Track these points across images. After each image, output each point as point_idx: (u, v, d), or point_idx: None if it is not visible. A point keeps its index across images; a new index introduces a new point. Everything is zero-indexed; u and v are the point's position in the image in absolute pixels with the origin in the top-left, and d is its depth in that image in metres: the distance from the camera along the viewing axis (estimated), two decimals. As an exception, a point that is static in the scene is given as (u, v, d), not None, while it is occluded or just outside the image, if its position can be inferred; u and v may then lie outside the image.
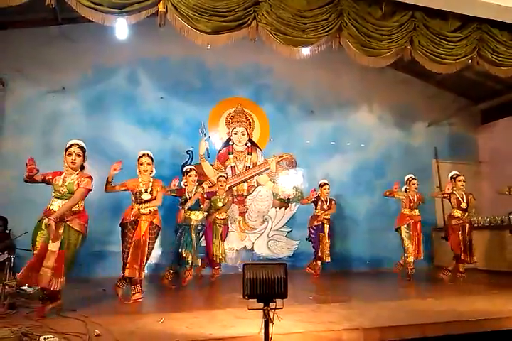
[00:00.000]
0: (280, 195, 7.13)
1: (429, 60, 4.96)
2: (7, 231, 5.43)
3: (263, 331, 2.19)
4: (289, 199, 7.11)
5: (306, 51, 4.76)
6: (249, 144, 7.09)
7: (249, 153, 7.07)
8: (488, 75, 6.01)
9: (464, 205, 5.44)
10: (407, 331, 2.94)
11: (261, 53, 6.05)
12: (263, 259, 6.28)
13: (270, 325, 2.20)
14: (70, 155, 3.51)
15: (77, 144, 3.56)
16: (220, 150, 6.92)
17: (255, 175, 7.05)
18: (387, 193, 5.84)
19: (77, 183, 3.45)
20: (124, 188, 4.15)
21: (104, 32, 5.16)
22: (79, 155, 3.53)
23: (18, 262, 5.35)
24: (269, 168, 7.08)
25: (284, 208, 7.10)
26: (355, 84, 7.50)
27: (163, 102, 6.67)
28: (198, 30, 4.12)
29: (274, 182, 7.11)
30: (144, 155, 4.18)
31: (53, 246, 3.18)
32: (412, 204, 5.80)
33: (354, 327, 2.81)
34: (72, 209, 3.38)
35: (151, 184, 4.10)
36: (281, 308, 2.23)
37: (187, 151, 6.48)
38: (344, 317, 3.13)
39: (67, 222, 3.32)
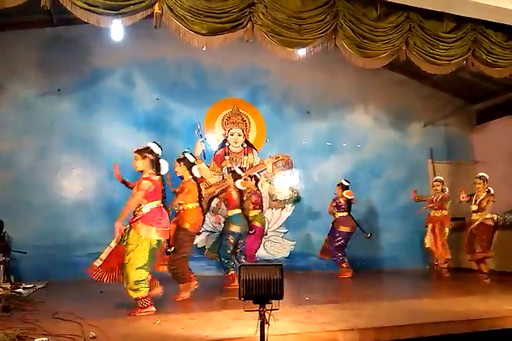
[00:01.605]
0: (277, 196, 7.12)
1: (425, 61, 4.98)
2: (2, 234, 5.40)
3: (259, 332, 2.19)
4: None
5: (301, 52, 4.77)
6: (245, 145, 7.08)
7: (246, 154, 7.07)
8: (483, 76, 6.04)
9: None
10: (403, 331, 2.95)
11: (257, 54, 6.05)
12: (260, 260, 6.27)
13: (266, 326, 2.20)
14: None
15: (136, 148, 3.83)
16: (216, 151, 6.92)
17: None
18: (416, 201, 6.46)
19: (137, 186, 3.64)
20: None
21: (99, 33, 5.16)
22: (136, 159, 3.75)
23: (13, 264, 5.38)
24: (265, 169, 7.08)
25: (280, 209, 7.10)
26: (351, 85, 7.52)
27: (158, 103, 6.66)
28: (194, 31, 4.12)
29: (270, 183, 7.10)
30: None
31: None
32: (432, 205, 6.23)
33: (349, 328, 2.81)
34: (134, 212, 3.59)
35: None
36: (277, 309, 2.23)
37: (183, 153, 6.46)
38: (340, 317, 3.13)
39: (131, 224, 3.54)
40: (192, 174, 4.38)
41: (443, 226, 6.17)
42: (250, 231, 5.28)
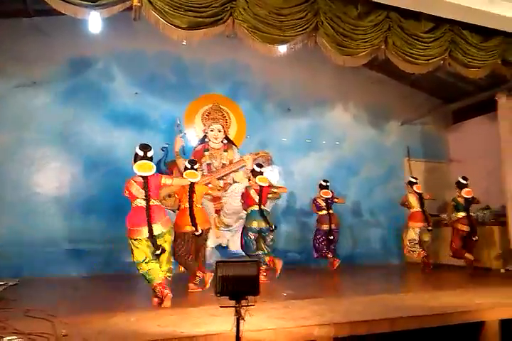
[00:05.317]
0: None
1: (403, 60, 5.05)
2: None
3: (234, 328, 2.19)
4: None
5: (282, 49, 4.76)
6: (225, 141, 7.03)
7: (226, 151, 7.02)
8: (460, 76, 6.18)
9: None
10: (378, 325, 3.01)
11: (238, 50, 6.01)
12: (238, 256, 6.28)
13: (242, 322, 2.21)
14: None
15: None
16: (195, 147, 6.86)
17: (231, 173, 7.02)
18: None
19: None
20: None
21: (78, 25, 5.02)
22: None
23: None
24: (245, 166, 7.05)
25: (260, 205, 7.09)
26: (331, 82, 7.57)
27: (138, 97, 6.54)
28: (174, 25, 4.06)
29: (250, 179, 7.08)
30: None
31: None
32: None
33: (325, 323, 2.86)
34: None
35: None
36: (253, 305, 2.24)
37: (162, 148, 6.38)
38: (316, 312, 3.17)
39: None
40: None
41: None
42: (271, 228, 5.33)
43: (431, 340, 3.19)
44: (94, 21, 4.83)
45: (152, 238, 3.62)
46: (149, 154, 3.87)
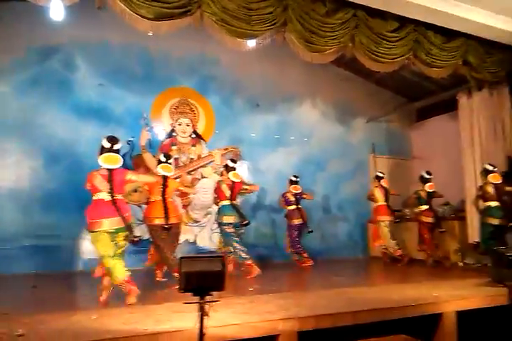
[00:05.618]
0: None
1: (369, 59, 5.14)
2: None
3: (198, 324, 2.17)
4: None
5: (251, 43, 4.74)
6: (193, 136, 6.97)
7: (194, 145, 6.96)
8: (423, 75, 6.36)
9: None
10: (341, 318, 3.07)
11: (208, 43, 5.89)
12: (206, 252, 6.25)
13: (206, 317, 2.19)
14: None
15: None
16: (163, 141, 6.75)
17: (199, 168, 6.96)
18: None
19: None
20: None
21: (39, 12, 4.79)
22: None
23: None
24: (213, 161, 7.02)
25: (227, 200, 7.07)
26: (300, 78, 7.61)
27: (102, 89, 6.34)
28: (140, 15, 3.95)
29: (218, 174, 7.05)
30: None
31: None
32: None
33: (290, 317, 2.88)
34: None
35: None
36: (218, 301, 2.23)
37: (127, 141, 6.24)
38: (281, 307, 3.18)
39: None
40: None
41: None
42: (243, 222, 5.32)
43: (392, 332, 3.27)
44: (56, 9, 4.64)
45: (128, 228, 3.59)
46: (116, 147, 3.76)
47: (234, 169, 5.50)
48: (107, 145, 3.72)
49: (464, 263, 6.32)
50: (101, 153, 3.70)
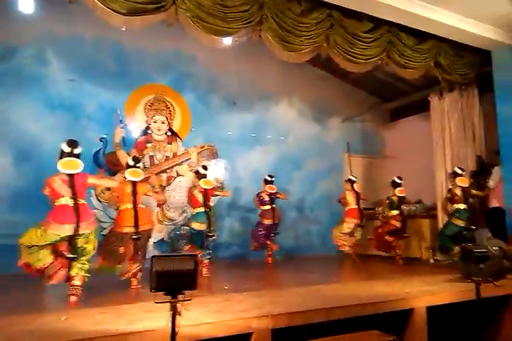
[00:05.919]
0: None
1: (343, 59, 5.20)
2: None
3: (170, 324, 2.15)
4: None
5: (227, 41, 4.72)
6: (169, 133, 6.88)
7: (169, 143, 6.86)
8: (397, 76, 6.48)
9: None
10: (314, 315, 3.10)
11: (184, 39, 5.83)
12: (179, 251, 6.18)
13: (178, 317, 2.17)
14: None
15: None
16: (137, 138, 6.63)
17: (175, 166, 6.89)
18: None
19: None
20: None
21: (8, 5, 4.63)
22: None
23: None
24: (189, 159, 6.95)
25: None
26: (277, 77, 7.62)
27: (74, 85, 6.17)
28: (112, 10, 3.87)
29: (195, 173, 6.99)
30: None
31: None
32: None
33: (264, 315, 2.88)
34: None
35: None
36: (190, 300, 2.21)
37: (100, 139, 6.12)
38: (256, 305, 3.19)
39: None
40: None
41: None
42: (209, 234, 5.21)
43: (365, 328, 3.33)
44: (26, 2, 4.51)
45: (74, 238, 3.49)
46: (76, 151, 3.64)
47: (205, 176, 5.45)
48: (67, 149, 3.60)
49: (435, 259, 6.48)
50: (60, 158, 3.59)
